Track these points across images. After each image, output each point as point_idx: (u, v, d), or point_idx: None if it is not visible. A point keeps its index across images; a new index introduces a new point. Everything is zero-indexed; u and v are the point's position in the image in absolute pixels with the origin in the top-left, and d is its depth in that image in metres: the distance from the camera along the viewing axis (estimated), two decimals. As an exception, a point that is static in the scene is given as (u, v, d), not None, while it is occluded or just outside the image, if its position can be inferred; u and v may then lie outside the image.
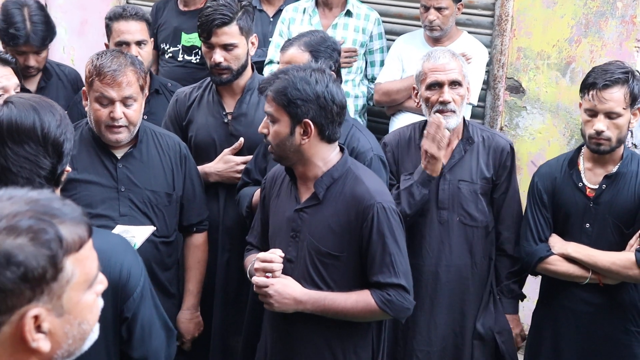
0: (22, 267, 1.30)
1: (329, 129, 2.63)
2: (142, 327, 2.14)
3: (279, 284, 2.65)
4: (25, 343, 1.32)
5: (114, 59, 2.94)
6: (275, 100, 2.61)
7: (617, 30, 4.27)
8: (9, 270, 1.29)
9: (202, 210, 3.36)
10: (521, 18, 4.51)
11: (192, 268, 3.38)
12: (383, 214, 2.61)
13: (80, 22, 6.18)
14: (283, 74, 2.63)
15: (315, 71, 2.63)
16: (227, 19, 3.41)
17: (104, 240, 2.15)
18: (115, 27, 3.91)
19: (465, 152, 3.33)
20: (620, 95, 3.06)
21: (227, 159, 3.51)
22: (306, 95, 2.57)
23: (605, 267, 3.13)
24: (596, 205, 3.19)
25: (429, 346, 3.37)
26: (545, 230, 3.28)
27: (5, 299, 1.29)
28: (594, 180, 3.22)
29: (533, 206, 3.30)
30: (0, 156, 2.04)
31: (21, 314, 1.31)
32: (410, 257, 3.32)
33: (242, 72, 3.51)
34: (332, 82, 2.63)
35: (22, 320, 1.31)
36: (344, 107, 2.67)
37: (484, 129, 3.49)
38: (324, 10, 4.49)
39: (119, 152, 3.07)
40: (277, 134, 2.63)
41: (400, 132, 3.50)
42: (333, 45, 3.35)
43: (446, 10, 4.22)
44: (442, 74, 3.23)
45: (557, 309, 3.31)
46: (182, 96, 3.66)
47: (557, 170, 3.30)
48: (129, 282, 2.08)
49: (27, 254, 1.30)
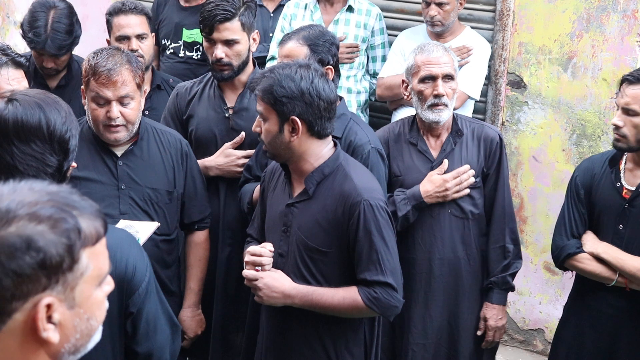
0: (41, 254, 1.30)
1: (318, 124, 2.62)
2: (147, 322, 2.14)
3: (268, 278, 2.67)
4: (35, 333, 1.33)
5: (110, 58, 2.90)
6: (263, 99, 2.63)
7: (618, 25, 4.27)
8: (29, 255, 1.30)
9: (203, 208, 3.35)
10: (522, 13, 4.51)
11: (194, 266, 3.37)
12: (370, 211, 2.60)
13: (81, 17, 6.13)
14: (269, 72, 2.64)
15: (301, 67, 2.62)
16: (230, 14, 3.40)
17: (110, 235, 2.14)
18: (115, 21, 3.93)
19: (455, 144, 3.35)
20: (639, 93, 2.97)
21: (227, 153, 3.51)
22: (291, 93, 2.57)
23: (632, 272, 3.06)
24: (631, 208, 3.10)
25: (425, 339, 3.39)
26: (579, 226, 3.23)
27: (22, 284, 1.30)
28: (632, 182, 3.12)
29: (569, 200, 3.25)
30: (7, 154, 2.04)
31: (35, 302, 1.32)
32: (403, 251, 3.33)
33: (243, 68, 3.51)
34: (318, 78, 2.62)
35: (35, 308, 1.31)
36: (331, 102, 2.64)
37: (472, 120, 3.50)
38: (326, 5, 4.49)
39: (120, 150, 3.06)
40: (268, 132, 2.65)
41: (390, 127, 3.51)
42: (332, 40, 3.35)
43: (447, 6, 4.22)
44: (436, 67, 3.25)
45: (583, 308, 3.27)
46: (182, 90, 3.65)
47: (598, 167, 3.23)
48: (135, 277, 2.09)
49: (47, 241, 1.31)
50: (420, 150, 3.37)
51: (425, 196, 3.27)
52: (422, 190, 3.28)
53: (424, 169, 3.35)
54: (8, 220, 1.31)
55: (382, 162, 3.20)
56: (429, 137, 3.38)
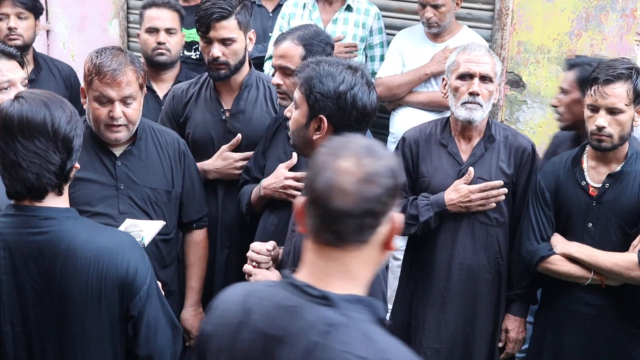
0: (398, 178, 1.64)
1: (345, 131, 2.58)
2: (147, 325, 2.15)
3: (261, 276, 2.66)
4: (385, 245, 1.64)
5: (114, 58, 2.91)
6: (300, 87, 2.57)
7: (617, 24, 4.27)
8: (395, 179, 1.61)
9: (201, 207, 3.36)
10: (521, 12, 4.51)
11: (194, 265, 3.38)
12: None
13: (81, 17, 6.17)
14: (316, 64, 2.57)
15: (348, 70, 2.54)
16: (226, 12, 3.38)
17: (111, 238, 2.17)
18: (147, 13, 4.05)
19: (485, 150, 3.30)
20: (622, 91, 3.00)
21: (225, 156, 3.50)
22: (327, 92, 2.49)
23: (608, 267, 3.08)
24: (599, 205, 3.12)
25: (438, 343, 3.34)
26: (547, 229, 3.23)
27: (391, 203, 1.60)
28: (597, 179, 3.14)
29: (535, 204, 3.24)
30: (10, 151, 2.06)
31: (390, 218, 1.62)
32: (424, 253, 3.30)
33: (239, 67, 3.49)
34: (361, 85, 2.52)
35: (391, 221, 1.62)
36: (367, 115, 2.54)
37: (506, 128, 3.46)
38: (324, 5, 4.49)
39: (118, 150, 3.06)
40: (296, 121, 2.60)
41: (421, 127, 3.46)
42: (326, 39, 3.34)
43: (443, 7, 4.21)
44: (475, 65, 3.22)
45: (559, 311, 3.26)
46: (178, 92, 3.64)
47: (560, 168, 3.24)
48: (136, 280, 2.09)
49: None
50: (450, 153, 3.32)
51: (448, 204, 3.23)
52: (446, 198, 3.24)
53: (452, 172, 3.31)
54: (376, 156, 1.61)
55: None
56: (461, 139, 3.34)
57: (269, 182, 3.21)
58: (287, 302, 1.62)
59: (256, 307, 1.65)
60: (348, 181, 1.56)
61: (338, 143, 1.64)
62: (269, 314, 1.62)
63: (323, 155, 1.62)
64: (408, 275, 3.47)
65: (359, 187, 1.56)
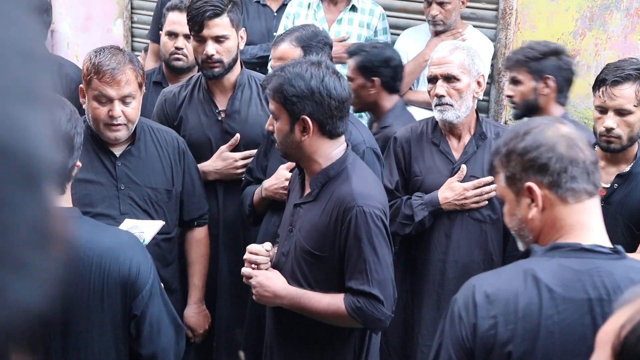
0: None
1: (329, 124, 2.58)
2: (150, 324, 2.15)
3: (262, 277, 2.65)
4: None
5: (113, 57, 2.90)
6: (274, 98, 2.60)
7: (621, 23, 4.27)
8: None
9: (202, 205, 3.36)
10: (525, 11, 4.51)
11: (196, 262, 3.38)
12: (362, 218, 2.52)
13: (85, 18, 6.18)
14: (280, 71, 2.61)
15: (312, 65, 2.58)
16: (219, 10, 3.36)
17: (113, 238, 2.17)
18: (170, 16, 4.02)
19: (477, 147, 3.31)
20: (631, 92, 2.99)
21: (225, 156, 3.49)
22: (301, 92, 2.53)
23: None
24: (607, 205, 3.08)
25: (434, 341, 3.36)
26: None
27: None
28: (605, 180, 3.10)
29: None
30: None
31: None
32: (418, 251, 3.29)
33: (233, 65, 3.45)
34: (329, 76, 2.57)
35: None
36: (343, 101, 2.59)
37: (497, 125, 3.47)
38: (329, 5, 4.49)
39: (118, 150, 3.06)
40: (280, 131, 2.62)
41: (412, 127, 3.47)
42: (325, 40, 3.33)
43: (449, 5, 4.22)
44: (436, 68, 3.25)
45: None
46: (170, 96, 3.59)
47: None
48: (138, 280, 2.10)
49: None
50: (442, 151, 3.33)
51: (443, 203, 3.24)
52: (440, 197, 3.25)
53: (444, 170, 3.31)
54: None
55: (378, 162, 3.16)
56: (451, 138, 3.34)
57: (270, 183, 3.21)
58: (584, 266, 1.78)
59: (553, 281, 1.77)
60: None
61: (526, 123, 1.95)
62: (570, 280, 1.76)
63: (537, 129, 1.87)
64: (402, 273, 3.47)
65: None
